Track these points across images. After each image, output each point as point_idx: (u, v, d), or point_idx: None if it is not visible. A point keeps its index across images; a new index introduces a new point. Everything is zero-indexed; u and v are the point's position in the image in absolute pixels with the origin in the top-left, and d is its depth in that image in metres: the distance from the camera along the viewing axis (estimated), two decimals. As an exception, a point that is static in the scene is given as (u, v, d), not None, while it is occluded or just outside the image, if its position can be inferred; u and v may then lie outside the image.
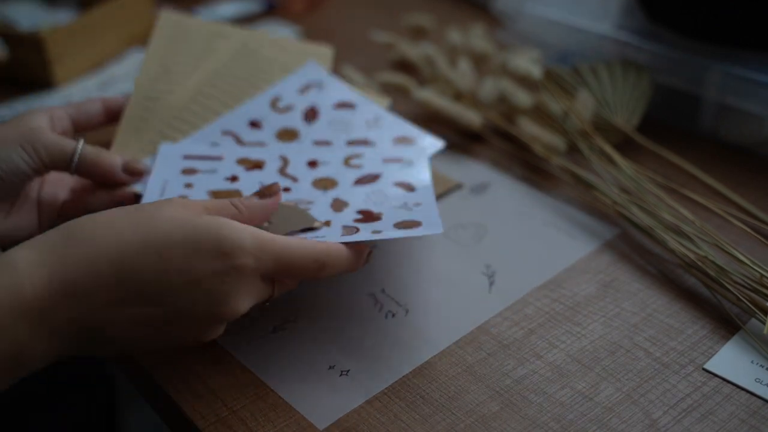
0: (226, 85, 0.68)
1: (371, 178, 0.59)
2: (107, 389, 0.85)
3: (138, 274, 0.42)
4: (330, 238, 0.51)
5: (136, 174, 0.58)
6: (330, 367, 0.50)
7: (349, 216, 0.55)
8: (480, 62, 0.82)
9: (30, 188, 0.57)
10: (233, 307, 0.44)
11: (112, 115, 0.63)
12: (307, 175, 0.60)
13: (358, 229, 0.53)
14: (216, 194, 0.57)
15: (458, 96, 0.76)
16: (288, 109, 0.67)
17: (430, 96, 0.73)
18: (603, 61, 0.75)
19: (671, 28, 0.74)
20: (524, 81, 0.76)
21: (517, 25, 0.85)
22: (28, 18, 0.90)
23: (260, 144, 0.63)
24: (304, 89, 0.68)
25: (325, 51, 0.73)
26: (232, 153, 0.62)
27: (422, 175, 0.59)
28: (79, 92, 0.82)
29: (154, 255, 0.42)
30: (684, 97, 0.72)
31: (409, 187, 0.58)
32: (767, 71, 0.66)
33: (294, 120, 0.66)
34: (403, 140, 0.64)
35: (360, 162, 0.61)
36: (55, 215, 0.58)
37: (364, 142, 0.64)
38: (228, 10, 0.99)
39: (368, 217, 0.55)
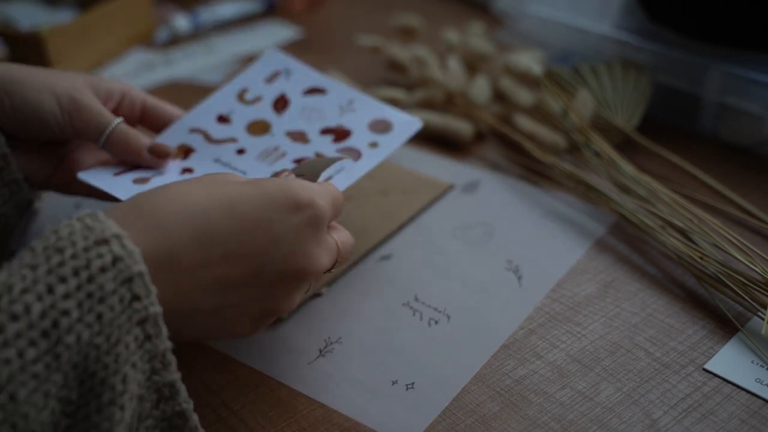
0: None
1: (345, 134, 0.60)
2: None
3: (216, 232, 0.41)
4: (347, 164, 0.55)
5: (163, 156, 0.56)
6: (393, 383, 0.48)
7: (321, 140, 0.58)
8: (479, 62, 0.81)
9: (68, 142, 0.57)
10: (316, 260, 0.44)
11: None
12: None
13: (360, 152, 0.56)
14: None
15: (450, 97, 0.76)
16: (256, 100, 0.63)
17: (422, 116, 0.73)
18: (603, 61, 0.75)
19: (671, 28, 0.74)
20: (524, 80, 0.76)
21: (517, 25, 0.85)
22: (28, 18, 0.90)
23: (231, 140, 0.60)
24: (271, 78, 0.65)
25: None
26: (205, 155, 0.60)
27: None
28: (79, 92, 0.82)
29: (229, 211, 0.42)
30: (684, 97, 0.72)
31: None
32: (767, 71, 0.66)
33: (264, 111, 0.63)
34: (379, 124, 0.61)
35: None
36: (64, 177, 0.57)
37: (340, 131, 0.61)
38: (228, 10, 0.99)
39: (339, 134, 0.58)
